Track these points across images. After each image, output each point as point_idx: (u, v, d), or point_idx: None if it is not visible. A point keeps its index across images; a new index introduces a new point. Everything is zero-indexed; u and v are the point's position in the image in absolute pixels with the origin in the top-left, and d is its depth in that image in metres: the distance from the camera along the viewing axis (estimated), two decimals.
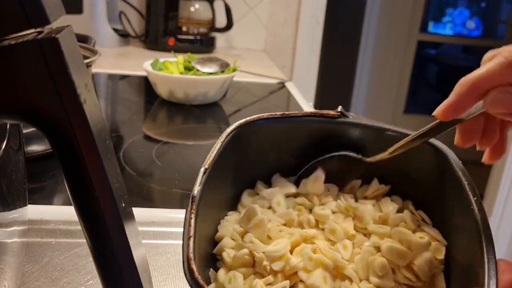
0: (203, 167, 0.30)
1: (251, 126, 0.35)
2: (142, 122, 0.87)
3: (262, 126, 0.35)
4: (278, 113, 0.35)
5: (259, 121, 0.35)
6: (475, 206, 0.29)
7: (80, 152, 0.20)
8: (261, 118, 0.35)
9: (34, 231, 0.45)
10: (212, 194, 0.31)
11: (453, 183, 0.32)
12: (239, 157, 0.35)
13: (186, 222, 0.27)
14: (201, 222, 0.29)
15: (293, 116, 0.36)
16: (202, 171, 0.30)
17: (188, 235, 0.27)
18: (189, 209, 0.28)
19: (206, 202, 0.30)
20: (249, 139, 0.35)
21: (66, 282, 0.39)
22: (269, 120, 0.35)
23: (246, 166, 0.36)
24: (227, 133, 0.33)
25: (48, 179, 0.56)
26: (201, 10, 1.45)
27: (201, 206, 0.29)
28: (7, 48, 0.18)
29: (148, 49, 1.46)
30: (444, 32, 3.32)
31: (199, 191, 0.29)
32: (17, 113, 0.20)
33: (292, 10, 1.66)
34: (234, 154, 0.34)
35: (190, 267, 0.25)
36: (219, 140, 0.33)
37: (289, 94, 1.12)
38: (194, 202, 0.28)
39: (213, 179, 0.31)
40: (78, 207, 0.21)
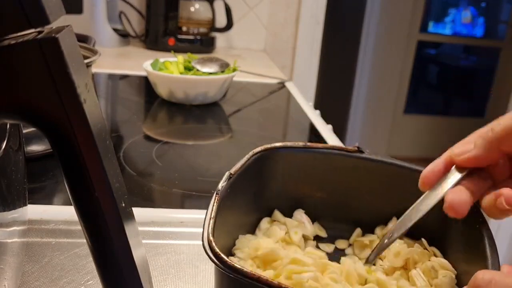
0: (228, 171, 0.33)
1: (275, 152, 0.38)
2: (142, 122, 0.87)
3: (284, 154, 0.38)
4: (300, 143, 0.39)
5: (283, 149, 0.38)
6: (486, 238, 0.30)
7: (80, 152, 0.20)
8: (284, 146, 0.38)
9: (34, 231, 0.45)
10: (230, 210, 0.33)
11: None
12: (261, 182, 0.38)
13: (209, 208, 0.30)
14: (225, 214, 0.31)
15: (314, 147, 0.39)
16: (227, 174, 0.33)
17: (210, 216, 0.29)
18: (213, 199, 0.31)
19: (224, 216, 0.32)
20: (271, 164, 0.38)
21: (66, 282, 0.39)
22: (291, 149, 0.38)
23: (266, 192, 0.39)
24: (253, 152, 0.36)
25: (48, 179, 0.56)
26: (201, 10, 1.45)
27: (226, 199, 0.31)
28: (7, 48, 0.18)
29: (148, 49, 1.46)
30: (444, 32, 3.32)
31: (223, 187, 0.32)
32: (17, 113, 0.20)
33: (292, 10, 1.66)
34: (256, 175, 0.37)
35: (209, 238, 0.27)
36: (246, 156, 0.36)
37: (289, 94, 1.12)
38: (218, 195, 0.31)
39: (234, 192, 0.33)
40: (78, 207, 0.21)
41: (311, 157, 0.39)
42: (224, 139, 0.80)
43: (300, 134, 0.87)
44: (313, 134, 0.85)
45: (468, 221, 0.32)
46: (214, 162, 0.69)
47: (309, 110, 0.99)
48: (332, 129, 0.89)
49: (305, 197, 0.40)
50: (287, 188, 0.39)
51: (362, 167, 0.38)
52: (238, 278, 0.25)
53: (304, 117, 0.95)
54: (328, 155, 0.39)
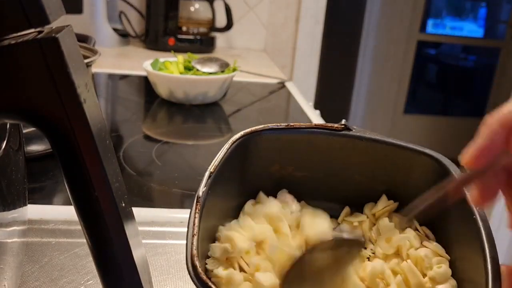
0: (208, 170, 0.31)
1: (256, 135, 0.35)
2: (142, 122, 0.87)
3: (267, 136, 0.36)
4: (283, 124, 0.36)
5: (265, 131, 0.36)
6: (478, 216, 0.29)
7: (80, 152, 0.20)
8: (266, 128, 0.36)
9: (34, 231, 0.45)
10: (215, 199, 0.32)
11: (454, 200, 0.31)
12: (244, 166, 0.36)
13: (191, 221, 0.28)
14: (204, 224, 0.29)
15: (298, 127, 0.36)
16: (207, 174, 0.31)
17: (192, 233, 0.27)
18: (193, 209, 0.29)
19: (210, 206, 0.30)
20: (254, 148, 0.36)
21: (66, 282, 0.39)
22: (274, 131, 0.36)
23: (250, 175, 0.37)
24: (233, 140, 0.34)
25: (48, 179, 0.56)
26: (201, 10, 1.45)
27: (204, 209, 0.29)
28: (7, 48, 0.18)
29: (148, 49, 1.46)
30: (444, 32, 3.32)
31: (204, 192, 0.30)
32: (17, 113, 0.20)
33: (292, 10, 1.66)
34: (239, 162, 0.35)
35: (194, 263, 0.26)
36: (225, 146, 0.33)
37: (289, 94, 1.12)
38: (199, 203, 0.29)
39: (217, 184, 0.31)
40: (78, 207, 0.21)
41: (295, 138, 0.37)
42: (224, 139, 0.80)
43: None
44: None
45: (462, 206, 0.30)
46: None
47: (309, 110, 0.99)
48: None
49: (290, 178, 0.38)
50: (271, 170, 0.37)
51: (350, 145, 0.36)
52: None
53: (304, 117, 0.95)
54: (313, 135, 0.36)
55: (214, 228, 0.34)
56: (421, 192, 0.33)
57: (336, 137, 0.37)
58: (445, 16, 3.35)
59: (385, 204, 0.37)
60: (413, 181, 0.36)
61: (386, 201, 0.37)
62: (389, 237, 0.34)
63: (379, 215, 0.36)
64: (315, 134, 0.37)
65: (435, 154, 0.35)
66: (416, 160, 0.35)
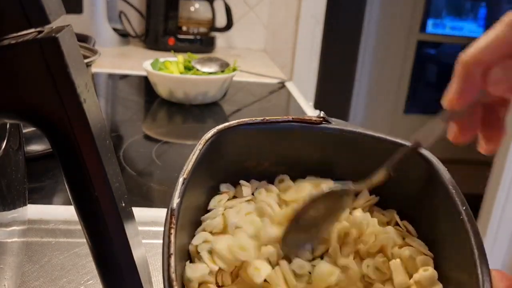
0: (181, 176, 0.29)
1: (231, 132, 0.33)
2: (142, 122, 0.87)
3: (241, 131, 0.34)
4: (258, 118, 0.34)
5: (239, 126, 0.34)
6: (465, 217, 0.28)
7: (80, 151, 0.20)
8: (241, 124, 0.34)
9: (33, 230, 0.45)
10: (190, 202, 0.30)
11: (440, 192, 0.31)
12: (219, 164, 0.34)
13: (165, 237, 0.25)
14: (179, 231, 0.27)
15: (274, 121, 0.34)
16: (180, 181, 0.28)
17: (168, 253, 0.25)
18: (168, 224, 0.26)
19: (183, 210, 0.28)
20: (227, 145, 0.34)
21: (66, 281, 0.39)
22: (249, 126, 0.34)
23: (226, 173, 0.35)
24: (205, 139, 0.32)
25: (48, 179, 0.56)
26: (201, 10, 1.45)
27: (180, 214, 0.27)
28: (7, 48, 0.18)
29: (148, 49, 1.46)
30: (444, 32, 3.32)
31: (178, 203, 0.27)
32: (17, 113, 0.20)
33: (292, 10, 1.66)
34: (213, 160, 0.33)
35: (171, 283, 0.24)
36: (197, 146, 0.31)
37: (289, 94, 1.12)
38: (173, 215, 0.26)
39: (191, 187, 0.29)
40: (78, 207, 0.22)
41: (271, 132, 0.35)
42: None
43: None
44: None
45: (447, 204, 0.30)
46: None
47: (309, 110, 0.99)
48: None
49: (267, 173, 0.36)
50: (247, 165, 0.36)
51: (329, 139, 0.35)
52: None
53: None
54: (290, 129, 0.34)
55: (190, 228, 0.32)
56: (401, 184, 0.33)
57: (315, 131, 0.35)
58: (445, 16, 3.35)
59: (366, 198, 0.36)
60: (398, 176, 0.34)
61: (367, 196, 0.36)
62: (373, 234, 0.33)
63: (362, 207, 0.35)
64: (293, 128, 0.35)
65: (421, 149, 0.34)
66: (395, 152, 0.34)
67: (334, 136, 0.35)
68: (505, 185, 1.72)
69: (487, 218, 1.77)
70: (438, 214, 0.32)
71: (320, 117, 0.35)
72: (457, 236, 0.28)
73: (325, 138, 0.35)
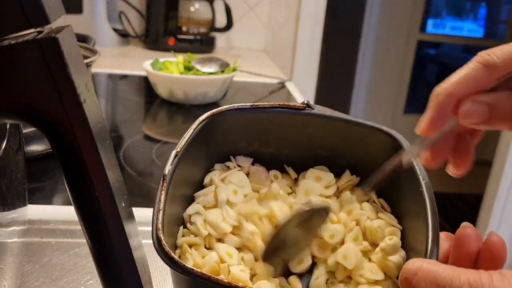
0: (175, 150, 0.32)
1: (222, 116, 0.37)
2: (142, 122, 0.87)
3: (232, 116, 0.37)
4: (248, 104, 0.38)
5: (230, 111, 0.37)
6: (424, 188, 0.31)
7: (80, 152, 0.20)
8: (232, 109, 0.37)
9: (33, 231, 0.45)
10: (183, 176, 0.33)
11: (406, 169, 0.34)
12: (211, 145, 0.37)
13: (157, 197, 0.29)
14: (171, 200, 0.30)
15: (262, 107, 0.38)
16: (173, 153, 0.32)
17: (158, 208, 0.28)
18: (160, 186, 0.30)
19: (177, 183, 0.32)
20: (220, 127, 0.37)
21: (66, 282, 0.39)
22: (239, 110, 0.37)
23: (217, 153, 0.38)
24: (199, 120, 0.35)
25: (48, 179, 0.56)
26: (201, 10, 1.45)
27: (172, 186, 0.30)
28: (7, 48, 0.18)
29: (148, 49, 1.46)
30: (444, 32, 3.32)
31: (170, 170, 0.31)
32: (17, 113, 0.20)
33: (292, 10, 1.66)
34: (205, 140, 0.36)
35: (158, 236, 0.27)
36: (192, 126, 0.35)
37: (289, 94, 1.12)
38: (165, 181, 0.30)
39: (184, 162, 0.33)
40: (78, 207, 0.22)
41: (259, 117, 0.38)
42: None
43: None
44: None
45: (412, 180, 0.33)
46: None
47: None
48: None
49: (257, 154, 0.40)
50: (238, 146, 0.39)
51: (312, 123, 0.38)
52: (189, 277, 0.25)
53: None
54: (276, 114, 0.38)
55: (182, 201, 0.35)
56: (379, 165, 0.36)
57: (299, 115, 0.38)
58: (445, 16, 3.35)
59: (348, 179, 0.39)
60: (371, 155, 0.38)
61: (349, 176, 0.39)
62: (350, 210, 0.36)
63: (342, 189, 0.38)
64: (279, 113, 0.38)
65: (391, 131, 0.37)
66: (374, 137, 0.38)
67: (316, 120, 0.38)
68: (505, 185, 1.72)
69: (487, 218, 1.77)
70: (403, 188, 0.35)
71: (304, 104, 0.38)
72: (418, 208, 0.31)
73: (308, 122, 0.38)
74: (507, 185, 1.72)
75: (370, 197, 0.37)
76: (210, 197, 0.35)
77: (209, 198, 0.35)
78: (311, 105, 0.38)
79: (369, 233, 0.34)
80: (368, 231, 0.34)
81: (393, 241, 0.32)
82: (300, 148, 0.39)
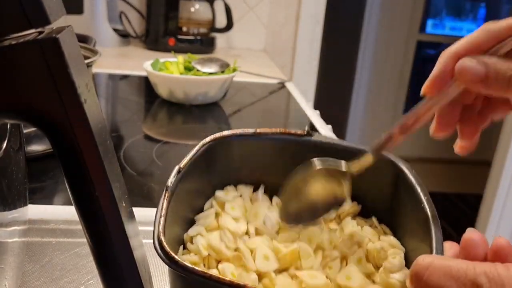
0: (178, 165, 0.33)
1: (225, 141, 0.38)
2: (142, 122, 0.87)
3: (235, 142, 0.38)
4: (250, 130, 0.38)
5: (233, 137, 0.38)
6: (425, 203, 0.31)
7: (80, 152, 0.20)
8: (235, 134, 0.38)
9: (34, 230, 0.45)
10: (184, 198, 0.34)
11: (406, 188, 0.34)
12: (213, 170, 0.38)
13: (159, 205, 0.30)
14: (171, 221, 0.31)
15: (264, 133, 0.39)
16: (176, 168, 0.33)
17: (160, 214, 0.29)
18: (163, 196, 0.31)
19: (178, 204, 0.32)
20: (222, 153, 0.38)
21: (66, 281, 0.39)
22: (242, 137, 0.38)
23: (219, 179, 0.39)
24: (202, 143, 0.36)
25: (49, 179, 0.56)
26: (201, 10, 1.45)
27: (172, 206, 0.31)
28: (8, 48, 0.18)
29: (149, 49, 1.46)
30: (443, 33, 3.32)
31: (173, 182, 0.32)
32: (17, 113, 0.20)
33: (292, 10, 1.66)
34: (207, 165, 0.37)
35: (160, 238, 0.27)
36: (195, 148, 0.36)
37: (289, 94, 1.12)
38: (167, 191, 0.31)
39: (186, 183, 0.33)
40: (78, 207, 0.22)
41: (261, 143, 0.39)
42: None
43: None
44: None
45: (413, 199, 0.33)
46: None
47: (308, 110, 0.99)
48: (332, 129, 0.89)
49: (260, 182, 0.40)
50: (240, 175, 0.39)
51: (312, 150, 0.39)
52: (189, 276, 0.25)
53: (304, 117, 0.95)
54: (278, 140, 0.39)
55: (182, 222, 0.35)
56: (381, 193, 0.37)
57: (300, 142, 0.39)
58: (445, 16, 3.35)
59: (348, 206, 0.39)
60: (371, 181, 0.38)
61: (349, 204, 0.39)
62: (352, 234, 0.36)
63: (344, 216, 0.38)
64: (280, 140, 0.39)
65: (389, 155, 0.37)
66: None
67: (316, 147, 0.39)
68: (505, 184, 1.72)
69: (487, 218, 1.77)
70: (404, 207, 0.35)
71: (305, 131, 0.39)
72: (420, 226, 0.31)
73: (309, 148, 0.39)
74: (506, 185, 1.72)
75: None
76: (211, 219, 0.35)
77: (210, 220, 0.35)
78: (311, 133, 0.39)
79: (372, 256, 0.34)
80: (371, 254, 0.34)
81: (397, 260, 0.32)
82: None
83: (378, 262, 0.33)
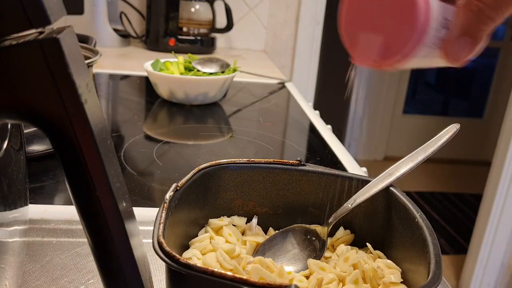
0: (175, 183, 0.34)
1: (222, 169, 0.39)
2: (142, 122, 0.87)
3: (229, 171, 0.39)
4: (244, 159, 0.40)
5: (229, 165, 0.39)
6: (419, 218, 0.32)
7: (81, 152, 0.20)
8: (230, 163, 0.39)
9: (35, 230, 0.45)
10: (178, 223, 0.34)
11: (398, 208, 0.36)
12: (208, 197, 0.39)
13: (158, 215, 0.30)
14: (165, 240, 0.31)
15: (258, 162, 0.40)
16: (174, 186, 0.33)
17: (159, 221, 0.29)
18: (161, 208, 0.31)
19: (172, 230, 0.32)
20: (218, 182, 0.39)
21: (67, 281, 0.39)
22: (237, 165, 0.40)
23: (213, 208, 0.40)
24: (199, 168, 0.37)
25: (49, 179, 0.56)
26: (201, 10, 1.45)
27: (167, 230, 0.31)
28: (8, 48, 0.18)
29: (149, 50, 1.46)
30: None
31: (171, 196, 0.32)
32: (18, 113, 0.20)
33: (292, 10, 1.66)
34: (202, 193, 0.38)
35: (159, 240, 0.27)
36: (191, 172, 0.36)
37: (289, 94, 1.12)
38: (166, 203, 0.32)
39: (182, 205, 0.34)
40: (79, 207, 0.22)
41: (254, 172, 0.40)
42: (224, 139, 0.80)
43: (300, 134, 0.87)
44: (312, 134, 0.85)
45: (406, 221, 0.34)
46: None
47: (308, 110, 0.99)
48: (332, 129, 0.89)
49: (252, 213, 0.41)
50: (234, 205, 0.40)
51: (305, 179, 0.40)
52: (191, 274, 0.25)
53: (303, 117, 0.95)
54: (271, 170, 0.40)
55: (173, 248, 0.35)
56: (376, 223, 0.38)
57: (292, 172, 0.40)
58: None
59: (341, 234, 0.39)
60: (363, 209, 0.39)
61: (342, 232, 0.40)
62: (347, 257, 0.36)
63: (338, 244, 0.39)
64: (274, 169, 0.40)
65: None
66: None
67: (308, 176, 0.40)
68: (504, 184, 1.72)
69: (486, 218, 1.77)
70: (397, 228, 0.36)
71: (297, 161, 0.40)
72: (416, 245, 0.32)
73: (301, 177, 0.40)
74: (506, 185, 1.72)
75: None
76: (206, 243, 0.36)
77: (205, 243, 0.36)
78: (303, 163, 0.41)
79: (369, 276, 0.34)
80: (367, 275, 0.34)
81: (395, 275, 0.32)
82: (293, 206, 0.41)
83: (375, 282, 0.33)
